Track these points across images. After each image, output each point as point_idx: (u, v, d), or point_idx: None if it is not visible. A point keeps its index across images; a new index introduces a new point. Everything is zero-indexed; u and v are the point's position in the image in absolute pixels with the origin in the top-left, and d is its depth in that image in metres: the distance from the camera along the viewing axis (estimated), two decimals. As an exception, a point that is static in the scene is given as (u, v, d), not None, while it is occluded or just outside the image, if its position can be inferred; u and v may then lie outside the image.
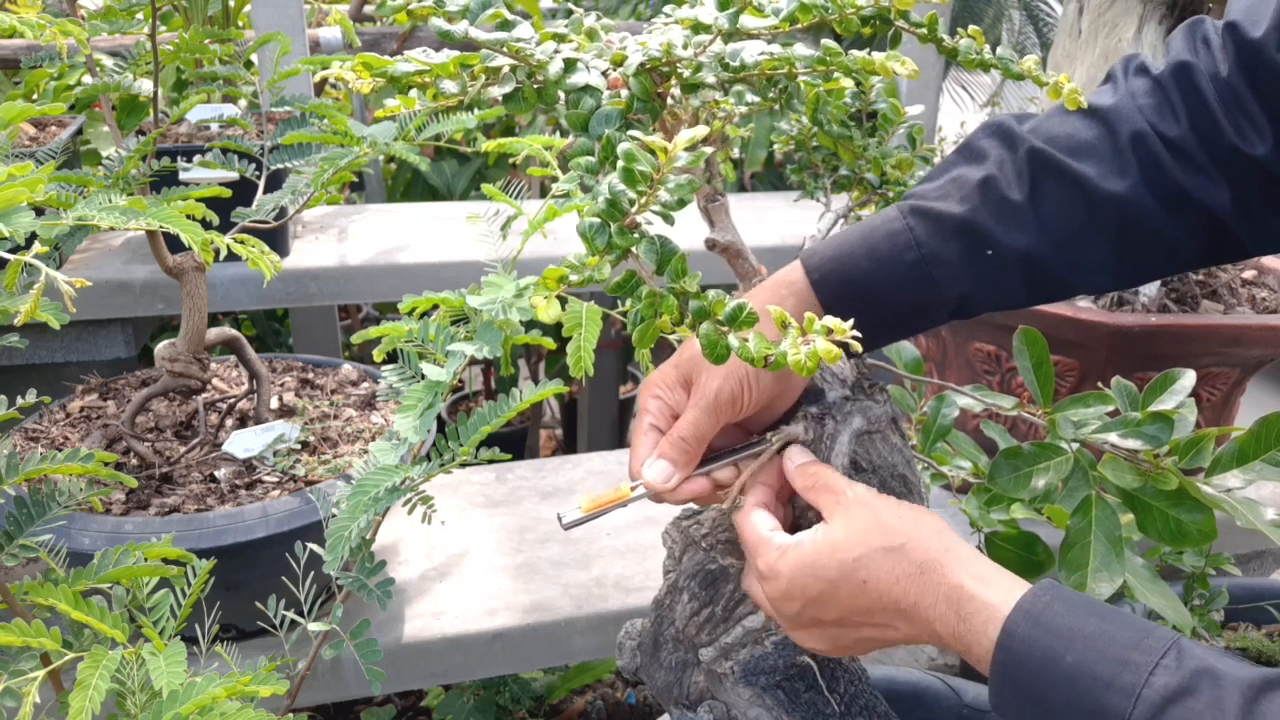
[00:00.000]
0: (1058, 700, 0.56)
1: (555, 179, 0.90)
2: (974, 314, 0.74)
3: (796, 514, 0.74)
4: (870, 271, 0.71)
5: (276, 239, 1.57)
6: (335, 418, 1.20)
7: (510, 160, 0.94)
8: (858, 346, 0.57)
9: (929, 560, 0.62)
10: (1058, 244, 0.71)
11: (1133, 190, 0.70)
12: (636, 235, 0.58)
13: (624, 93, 0.67)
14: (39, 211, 0.70)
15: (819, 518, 0.68)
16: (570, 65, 0.67)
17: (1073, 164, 0.70)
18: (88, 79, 1.29)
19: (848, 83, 0.81)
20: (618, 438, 2.75)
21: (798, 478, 0.70)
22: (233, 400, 1.21)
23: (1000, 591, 0.60)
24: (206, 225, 0.79)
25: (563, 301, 0.59)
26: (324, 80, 0.75)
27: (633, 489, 0.71)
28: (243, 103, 1.54)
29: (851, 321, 0.56)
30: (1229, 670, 0.53)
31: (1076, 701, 0.55)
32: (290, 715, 0.89)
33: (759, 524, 0.70)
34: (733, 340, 0.57)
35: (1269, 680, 0.52)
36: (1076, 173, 0.70)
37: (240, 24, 1.87)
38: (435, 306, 0.63)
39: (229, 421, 1.19)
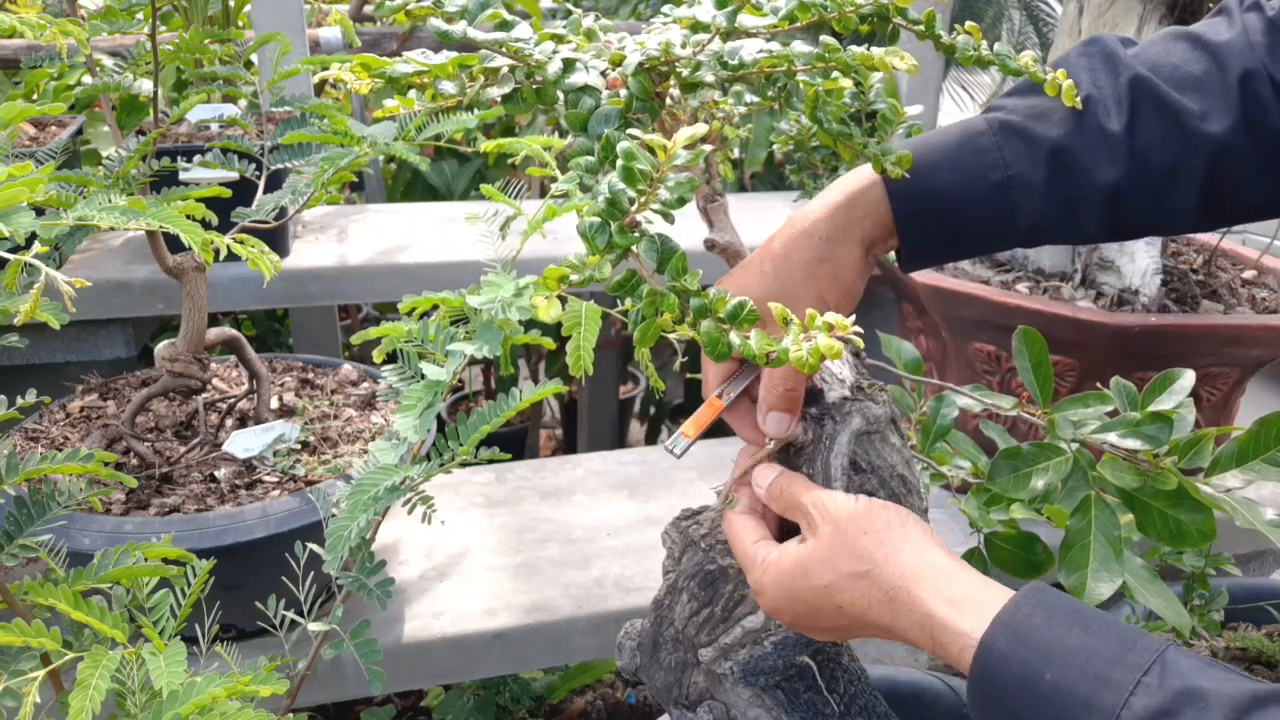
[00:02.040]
0: (1036, 719, 0.54)
1: (554, 179, 0.90)
2: (1039, 243, 0.73)
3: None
4: (951, 186, 0.69)
5: (276, 239, 1.57)
6: (335, 418, 1.20)
7: (510, 160, 0.94)
8: (859, 342, 0.57)
9: (896, 587, 0.61)
10: (1148, 180, 0.68)
11: (1232, 132, 0.67)
12: (636, 234, 0.58)
13: (623, 92, 0.67)
14: (39, 211, 0.70)
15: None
16: (569, 65, 0.67)
17: (1176, 96, 0.68)
18: (88, 79, 1.29)
19: (847, 82, 0.81)
20: (618, 438, 2.75)
21: (771, 501, 0.70)
22: (233, 400, 1.21)
23: (971, 618, 0.58)
24: (206, 225, 0.79)
25: (563, 301, 0.59)
26: (324, 80, 0.75)
27: (719, 396, 0.72)
28: (243, 103, 1.54)
29: (853, 318, 0.56)
30: (1215, 688, 0.51)
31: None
32: (290, 715, 0.89)
33: (744, 535, 0.70)
34: (734, 338, 0.57)
35: (1257, 697, 0.50)
36: (1178, 106, 0.67)
37: (240, 24, 1.88)
38: (435, 306, 0.63)
39: (229, 421, 1.19)
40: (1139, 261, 1.36)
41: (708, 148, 0.57)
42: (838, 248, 0.71)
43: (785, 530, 0.72)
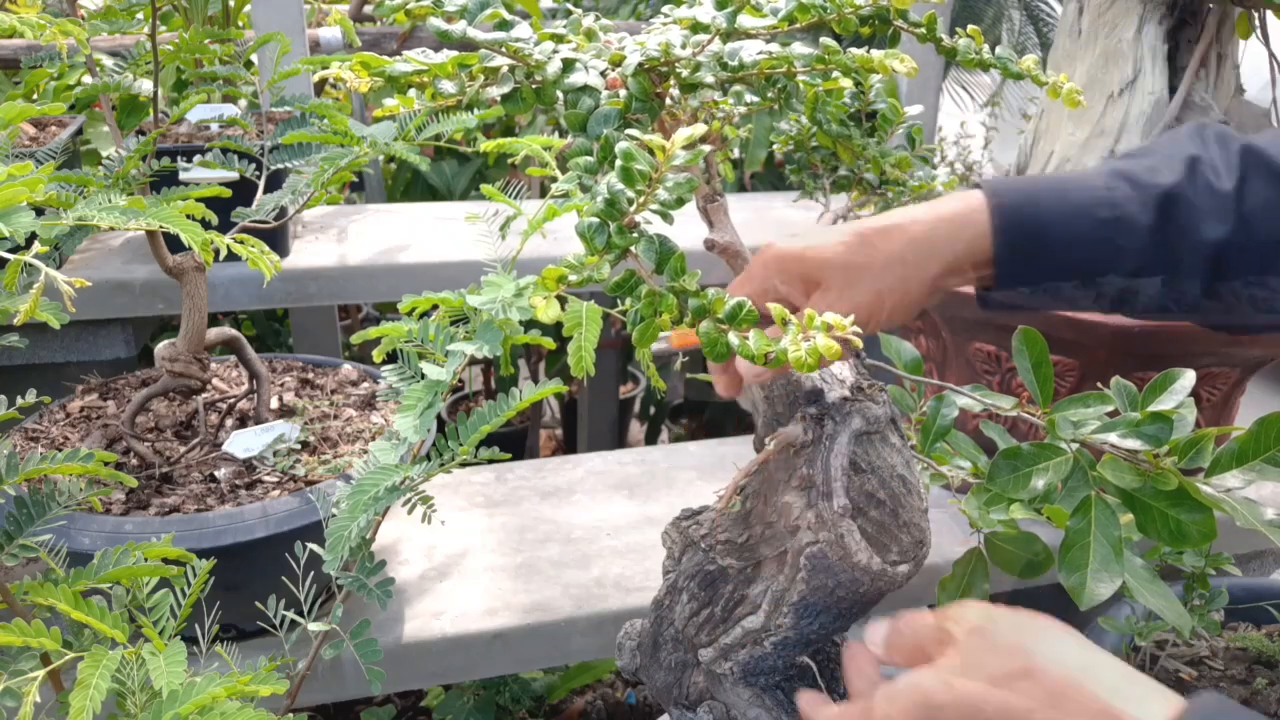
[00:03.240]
0: None
1: (554, 179, 0.90)
2: (1137, 305, 0.71)
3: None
4: (1056, 214, 0.68)
5: (276, 239, 1.57)
6: (335, 418, 1.20)
7: (510, 160, 0.94)
8: (858, 343, 0.57)
9: (1065, 683, 0.52)
10: (1255, 244, 0.68)
11: None
12: (635, 234, 0.58)
13: (622, 93, 0.67)
14: (39, 211, 0.70)
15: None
16: (569, 65, 0.67)
17: None
18: (88, 79, 1.29)
19: (846, 82, 0.81)
20: (618, 438, 2.75)
21: (895, 656, 0.61)
22: (233, 400, 1.21)
23: (1156, 709, 0.51)
24: (206, 225, 0.79)
25: (562, 301, 0.59)
26: (324, 80, 0.75)
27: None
28: (243, 103, 1.54)
29: (851, 318, 0.56)
30: None
31: None
32: (290, 715, 0.89)
33: (865, 665, 0.62)
34: (732, 338, 0.57)
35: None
36: None
37: (240, 24, 1.88)
38: (435, 306, 0.64)
39: (229, 421, 1.19)
40: (1139, 261, 1.36)
41: (707, 148, 0.57)
42: (934, 259, 0.70)
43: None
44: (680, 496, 1.43)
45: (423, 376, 0.62)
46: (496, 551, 1.30)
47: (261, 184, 1.15)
